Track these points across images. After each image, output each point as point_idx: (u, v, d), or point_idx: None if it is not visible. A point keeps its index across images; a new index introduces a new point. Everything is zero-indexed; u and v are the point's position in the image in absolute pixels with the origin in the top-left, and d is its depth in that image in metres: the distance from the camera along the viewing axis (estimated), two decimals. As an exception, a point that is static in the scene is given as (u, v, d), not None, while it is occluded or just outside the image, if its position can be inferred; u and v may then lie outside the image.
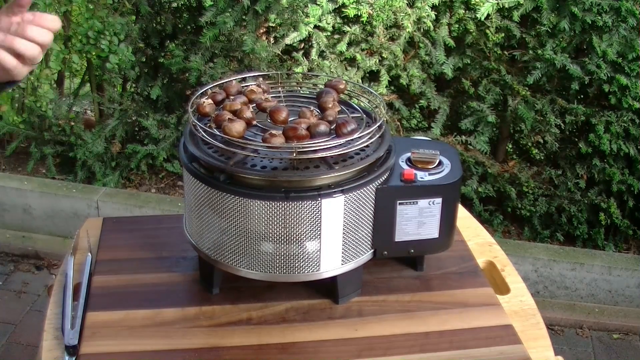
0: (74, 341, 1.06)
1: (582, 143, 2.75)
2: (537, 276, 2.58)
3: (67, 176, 3.07)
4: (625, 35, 2.60)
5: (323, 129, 1.10)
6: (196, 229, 1.15)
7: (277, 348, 1.08)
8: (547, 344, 1.14)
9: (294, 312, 1.16)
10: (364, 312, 1.16)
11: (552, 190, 2.83)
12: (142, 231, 1.38)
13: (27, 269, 2.71)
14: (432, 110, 2.88)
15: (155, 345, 1.08)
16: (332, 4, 2.76)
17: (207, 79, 2.80)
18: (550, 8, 2.65)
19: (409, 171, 1.16)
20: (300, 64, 2.80)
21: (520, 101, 2.73)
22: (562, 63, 2.63)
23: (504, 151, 2.99)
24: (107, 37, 2.84)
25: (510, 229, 2.92)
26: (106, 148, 3.00)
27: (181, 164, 1.44)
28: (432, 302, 1.19)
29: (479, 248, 1.37)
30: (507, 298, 1.24)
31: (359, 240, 1.14)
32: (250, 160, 1.07)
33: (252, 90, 1.22)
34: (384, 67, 2.81)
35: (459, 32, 2.79)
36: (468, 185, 2.79)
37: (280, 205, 1.05)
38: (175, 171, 3.04)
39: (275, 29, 2.91)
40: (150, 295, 1.19)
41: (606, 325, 2.53)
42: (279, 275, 1.11)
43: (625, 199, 2.76)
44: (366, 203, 1.11)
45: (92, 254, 1.29)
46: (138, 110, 3.05)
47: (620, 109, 2.66)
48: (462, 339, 1.11)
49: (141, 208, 2.73)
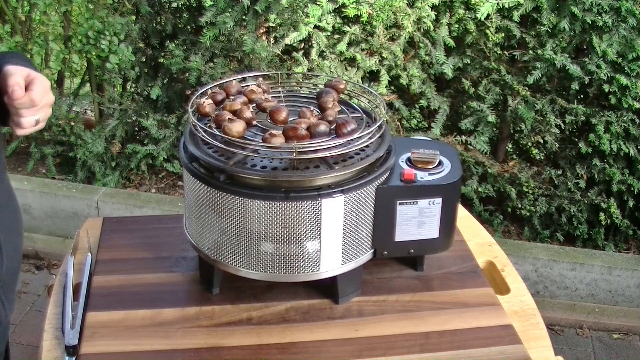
0: (74, 341, 1.06)
1: (582, 143, 2.75)
2: (537, 276, 2.58)
3: (67, 176, 3.07)
4: (625, 35, 2.60)
5: (323, 129, 1.10)
6: (196, 229, 1.15)
7: (277, 348, 1.08)
8: (547, 344, 1.14)
9: (294, 312, 1.16)
10: (364, 312, 1.16)
11: (552, 190, 2.83)
12: (142, 231, 1.38)
13: (27, 269, 2.71)
14: (432, 110, 2.88)
15: (155, 345, 1.08)
16: (332, 4, 2.75)
17: (207, 79, 2.80)
18: (550, 8, 2.65)
19: (409, 171, 1.16)
20: (300, 64, 2.80)
21: (520, 101, 2.73)
22: (562, 63, 2.63)
23: (504, 151, 2.99)
24: (107, 37, 2.84)
25: (510, 229, 2.92)
26: (106, 148, 3.00)
27: (181, 164, 1.44)
28: (432, 302, 1.19)
29: (479, 248, 1.37)
30: (507, 298, 1.24)
31: (359, 240, 1.14)
32: (250, 160, 1.07)
33: (252, 90, 1.22)
34: (384, 67, 2.81)
35: (459, 32, 2.79)
36: (468, 185, 2.79)
37: (280, 205, 1.05)
38: (175, 171, 3.04)
39: (275, 29, 2.91)
40: (150, 295, 1.19)
41: (606, 325, 2.53)
42: (279, 275, 1.11)
43: (625, 199, 2.76)
44: (366, 203, 1.11)
45: (92, 254, 1.29)
46: (138, 110, 3.05)
47: (620, 109, 2.67)
48: (462, 339, 1.11)
49: (141, 208, 2.73)
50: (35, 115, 1.01)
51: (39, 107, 1.00)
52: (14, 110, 1.00)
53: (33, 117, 1.01)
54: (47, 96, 1.02)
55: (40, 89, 0.99)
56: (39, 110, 1.01)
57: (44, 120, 1.04)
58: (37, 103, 0.99)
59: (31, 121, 1.01)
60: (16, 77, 0.98)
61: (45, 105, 1.02)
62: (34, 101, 0.98)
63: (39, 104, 0.99)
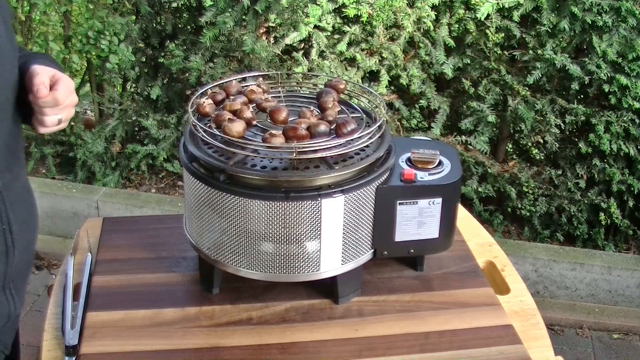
0: (74, 341, 1.06)
1: (582, 143, 2.75)
2: (537, 276, 2.58)
3: (67, 176, 3.07)
4: (625, 35, 2.60)
5: (323, 129, 1.10)
6: (196, 229, 1.15)
7: (277, 348, 1.08)
8: (547, 344, 1.14)
9: (294, 312, 1.16)
10: (364, 312, 1.16)
11: (552, 190, 2.83)
12: (142, 231, 1.38)
13: (27, 269, 2.71)
14: (432, 110, 2.88)
15: (155, 345, 1.08)
16: (332, 4, 2.76)
17: (207, 79, 2.80)
18: (550, 8, 2.65)
19: (409, 171, 1.16)
20: (300, 64, 2.80)
21: (520, 101, 2.73)
22: (562, 63, 2.63)
23: (504, 151, 2.99)
24: (107, 37, 2.84)
25: (510, 229, 2.92)
26: (106, 148, 3.00)
27: (181, 164, 1.44)
28: (432, 302, 1.19)
29: (479, 248, 1.37)
30: (507, 298, 1.24)
31: (359, 240, 1.14)
32: (250, 160, 1.07)
33: (252, 90, 1.21)
34: (384, 67, 2.81)
35: (459, 32, 2.79)
36: (468, 185, 2.79)
37: (280, 205, 1.05)
38: (175, 171, 3.04)
39: (275, 29, 2.91)
40: (150, 295, 1.19)
41: (606, 325, 2.53)
42: (279, 275, 1.11)
43: (625, 199, 2.76)
44: (366, 203, 1.11)
45: (92, 254, 1.29)
46: (138, 110, 3.05)
47: (620, 109, 2.67)
48: (462, 339, 1.11)
49: (141, 208, 2.73)
50: (58, 115, 1.04)
51: (62, 107, 1.04)
52: (38, 109, 1.03)
53: (56, 116, 1.04)
54: (71, 97, 1.05)
55: (64, 89, 1.03)
56: (62, 109, 1.04)
57: (67, 120, 1.08)
58: (61, 102, 1.03)
59: (54, 120, 1.05)
60: (42, 76, 1.02)
61: (69, 105, 1.05)
62: (57, 100, 1.02)
63: (62, 103, 1.03)
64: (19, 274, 1.10)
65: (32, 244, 1.15)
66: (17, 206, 1.07)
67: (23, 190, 1.12)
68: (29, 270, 1.16)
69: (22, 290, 1.13)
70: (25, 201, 1.12)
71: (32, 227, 1.14)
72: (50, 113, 1.03)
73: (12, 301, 1.10)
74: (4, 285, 1.07)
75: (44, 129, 1.06)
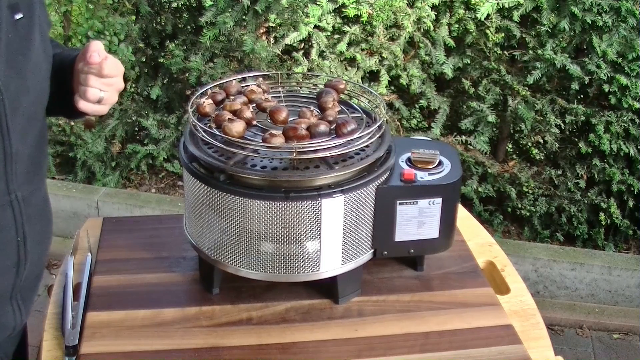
0: (74, 341, 1.06)
1: (582, 143, 2.75)
2: (537, 276, 2.58)
3: (67, 176, 3.07)
4: (625, 35, 2.60)
5: (323, 129, 1.10)
6: (196, 229, 1.15)
7: (277, 348, 1.08)
8: (547, 344, 1.14)
9: (294, 312, 1.16)
10: (364, 312, 1.16)
11: (552, 190, 2.83)
12: (142, 231, 1.38)
13: (27, 269, 2.71)
14: (432, 110, 2.88)
15: (155, 345, 1.08)
16: (332, 4, 2.75)
17: (207, 79, 2.80)
18: (550, 8, 2.65)
19: (409, 171, 1.16)
20: (300, 64, 2.80)
21: (520, 101, 2.73)
22: (562, 63, 2.63)
23: (504, 151, 2.99)
24: (107, 37, 2.84)
25: (510, 229, 2.92)
26: (106, 148, 3.00)
27: (181, 164, 1.44)
28: (432, 302, 1.19)
29: (479, 248, 1.37)
30: (507, 298, 1.24)
31: (359, 240, 1.14)
32: (250, 160, 1.07)
33: (252, 90, 1.21)
34: (384, 67, 2.81)
35: (459, 32, 2.79)
36: (468, 185, 2.79)
37: (280, 205, 1.05)
38: (175, 171, 3.04)
39: (275, 29, 2.91)
40: (150, 295, 1.19)
41: (606, 325, 2.53)
42: (279, 275, 1.11)
43: (625, 199, 2.76)
44: (366, 203, 1.11)
45: (92, 254, 1.29)
46: (138, 110, 3.05)
47: (620, 109, 2.67)
48: (462, 339, 1.11)
49: (141, 208, 2.73)
50: (101, 92, 1.02)
51: (107, 83, 1.02)
52: (84, 79, 1.01)
53: (98, 92, 1.02)
54: (117, 78, 1.04)
55: (113, 64, 1.02)
56: (107, 86, 1.02)
57: (108, 105, 1.05)
58: (104, 73, 1.01)
59: (95, 93, 1.02)
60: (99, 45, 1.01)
61: (114, 85, 1.03)
62: (102, 70, 1.00)
63: (105, 75, 1.01)
64: (28, 286, 1.09)
65: (44, 257, 1.13)
66: (34, 220, 1.06)
67: (42, 202, 1.10)
68: (38, 283, 1.14)
69: (29, 302, 1.12)
70: (42, 215, 1.10)
71: (47, 241, 1.13)
72: (94, 84, 1.01)
73: (18, 312, 1.08)
74: (11, 296, 1.06)
75: (84, 104, 1.03)
